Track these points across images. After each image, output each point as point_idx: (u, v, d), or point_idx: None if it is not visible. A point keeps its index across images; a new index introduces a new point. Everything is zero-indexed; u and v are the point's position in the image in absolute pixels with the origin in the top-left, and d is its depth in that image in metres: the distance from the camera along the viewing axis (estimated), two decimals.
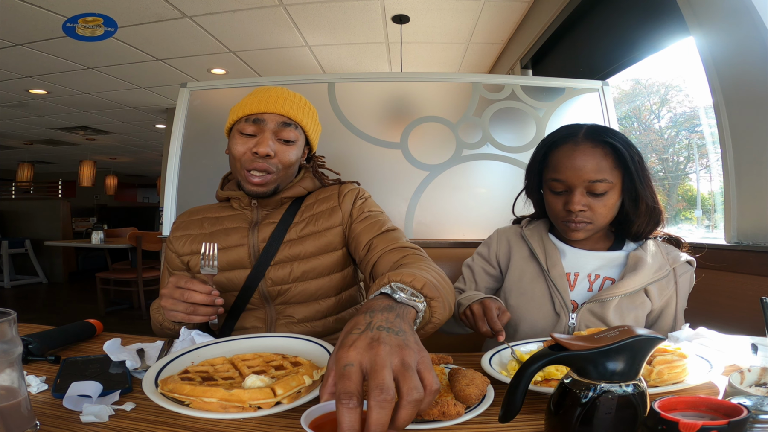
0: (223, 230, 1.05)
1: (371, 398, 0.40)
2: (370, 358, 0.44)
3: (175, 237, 1.10)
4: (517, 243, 1.09)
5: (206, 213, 1.12)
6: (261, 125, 0.99)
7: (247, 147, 0.99)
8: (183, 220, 1.13)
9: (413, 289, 0.62)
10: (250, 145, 0.99)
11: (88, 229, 7.02)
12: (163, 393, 0.60)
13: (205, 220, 1.10)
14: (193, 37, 3.43)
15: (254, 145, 0.98)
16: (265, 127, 0.99)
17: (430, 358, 0.47)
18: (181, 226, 1.11)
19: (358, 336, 0.47)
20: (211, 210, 1.12)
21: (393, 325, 0.49)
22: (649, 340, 0.48)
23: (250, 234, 1.03)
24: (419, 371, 0.44)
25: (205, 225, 1.09)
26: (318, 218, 1.05)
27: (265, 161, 0.98)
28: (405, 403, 0.42)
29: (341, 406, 0.40)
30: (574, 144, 0.94)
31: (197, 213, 1.13)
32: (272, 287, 1.01)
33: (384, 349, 0.44)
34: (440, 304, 0.66)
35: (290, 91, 1.06)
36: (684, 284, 0.98)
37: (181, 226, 1.11)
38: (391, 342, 0.46)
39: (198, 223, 1.10)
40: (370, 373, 0.43)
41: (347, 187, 1.11)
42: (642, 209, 0.95)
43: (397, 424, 0.41)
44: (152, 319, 0.99)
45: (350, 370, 0.43)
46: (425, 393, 0.43)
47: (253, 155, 0.98)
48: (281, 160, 1.00)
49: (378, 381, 0.41)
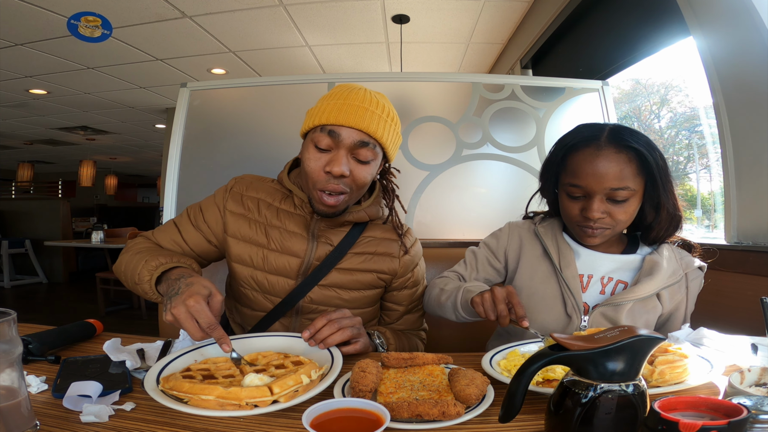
0: (282, 230, 1.01)
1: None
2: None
3: (229, 201, 1.03)
4: (529, 240, 1.06)
5: (264, 194, 1.04)
6: (336, 140, 0.90)
7: (321, 164, 0.91)
8: (239, 191, 1.05)
9: (387, 341, 0.97)
10: (323, 162, 0.91)
11: (88, 229, 7.02)
12: (164, 390, 0.60)
13: (262, 203, 1.03)
14: (193, 37, 3.43)
15: (327, 163, 0.91)
16: (340, 143, 0.90)
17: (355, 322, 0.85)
18: (236, 198, 1.04)
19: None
20: (269, 192, 1.05)
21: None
22: (649, 340, 0.48)
23: (308, 248, 1.00)
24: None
25: (263, 211, 1.02)
26: (375, 259, 1.03)
27: (339, 182, 0.91)
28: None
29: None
30: (596, 148, 0.88)
31: (254, 189, 1.05)
32: (310, 304, 1.01)
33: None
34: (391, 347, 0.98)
35: (373, 94, 0.96)
36: (694, 289, 0.97)
37: (237, 198, 1.04)
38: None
39: (254, 203, 1.03)
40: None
41: (412, 243, 1.08)
42: (663, 216, 0.92)
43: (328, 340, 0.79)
44: (125, 264, 0.94)
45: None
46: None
47: (326, 174, 0.91)
48: (355, 179, 0.93)
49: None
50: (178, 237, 1.02)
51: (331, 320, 0.81)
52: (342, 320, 0.82)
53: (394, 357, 0.73)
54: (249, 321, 1.04)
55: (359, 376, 0.63)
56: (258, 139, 1.85)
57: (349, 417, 0.52)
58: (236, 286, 1.04)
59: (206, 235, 1.03)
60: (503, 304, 0.81)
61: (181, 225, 1.04)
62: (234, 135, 1.85)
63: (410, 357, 0.73)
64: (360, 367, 0.66)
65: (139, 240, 1.03)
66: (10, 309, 0.51)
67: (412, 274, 1.09)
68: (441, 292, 1.01)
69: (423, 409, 0.55)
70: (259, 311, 1.02)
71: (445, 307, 0.98)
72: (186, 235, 1.02)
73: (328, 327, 0.80)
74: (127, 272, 0.93)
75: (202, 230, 1.03)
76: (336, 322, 0.81)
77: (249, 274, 1.00)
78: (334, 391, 0.64)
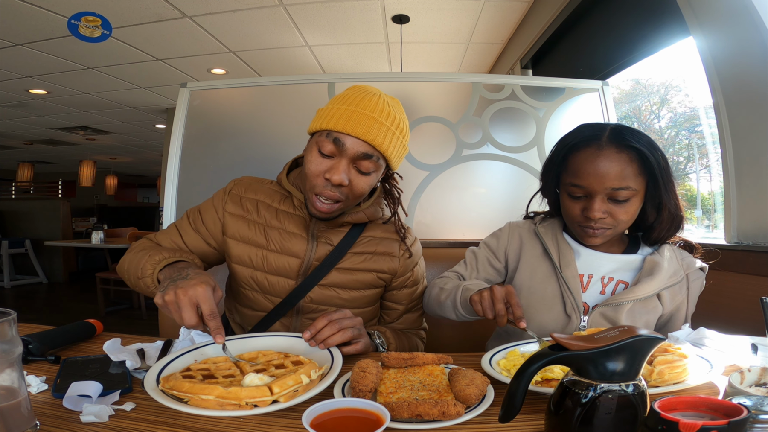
0: (281, 231, 1.01)
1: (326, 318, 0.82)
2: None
3: (228, 203, 1.03)
4: (530, 240, 1.06)
5: (262, 196, 1.04)
6: (340, 148, 0.89)
7: (321, 169, 0.91)
8: (237, 192, 1.05)
9: (387, 341, 0.97)
10: (324, 167, 0.90)
11: (88, 229, 7.02)
12: (164, 390, 0.60)
13: (261, 205, 1.03)
14: (193, 37, 3.43)
15: (328, 170, 0.90)
16: (343, 152, 0.89)
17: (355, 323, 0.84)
18: (235, 199, 1.04)
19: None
20: (268, 194, 1.05)
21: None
22: (649, 340, 0.48)
23: (308, 248, 1.00)
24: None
25: (262, 212, 1.02)
26: (375, 259, 1.03)
27: (336, 189, 0.91)
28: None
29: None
30: (597, 148, 0.88)
31: (253, 191, 1.05)
32: (309, 304, 1.01)
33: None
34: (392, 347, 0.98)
35: (386, 102, 0.93)
36: (695, 290, 0.97)
37: (236, 200, 1.04)
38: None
39: (253, 204, 1.03)
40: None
41: (411, 242, 1.08)
42: (664, 216, 0.92)
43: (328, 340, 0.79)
44: (128, 262, 0.95)
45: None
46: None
47: (325, 180, 0.91)
48: (353, 189, 0.92)
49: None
50: (178, 239, 1.03)
51: (332, 321, 0.81)
52: (343, 321, 0.82)
53: (394, 357, 0.73)
54: (249, 321, 1.04)
55: (359, 376, 0.63)
56: (258, 139, 1.85)
57: (349, 417, 0.52)
58: (236, 286, 1.04)
59: (205, 238, 1.03)
60: (501, 303, 0.81)
61: (181, 228, 1.04)
62: (234, 135, 1.85)
63: (410, 357, 0.73)
64: (360, 367, 0.66)
65: (143, 241, 1.04)
66: (10, 309, 0.51)
67: (412, 273, 1.09)
68: (441, 291, 1.01)
69: (423, 409, 0.55)
70: (259, 311, 1.03)
71: (445, 305, 0.98)
72: (186, 237, 1.03)
73: (328, 327, 0.80)
74: (130, 269, 0.93)
75: (201, 233, 1.03)
76: (337, 322, 0.81)
77: (249, 274, 1.01)
78: (334, 391, 0.64)
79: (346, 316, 0.84)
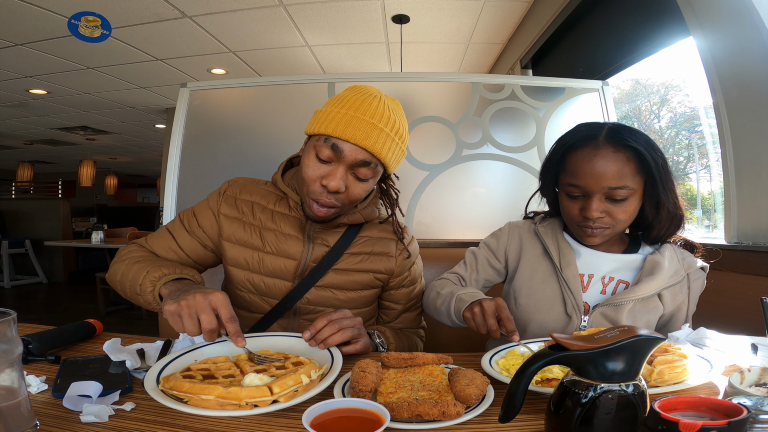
0: (277, 232, 1.00)
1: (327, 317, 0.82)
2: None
3: (223, 205, 1.02)
4: (530, 240, 1.06)
5: (257, 197, 1.03)
6: (338, 154, 0.88)
7: (318, 174, 0.89)
8: (232, 194, 1.04)
9: (387, 341, 0.97)
10: (321, 172, 0.89)
11: (88, 229, 7.01)
12: (164, 390, 0.60)
13: (256, 206, 1.02)
14: (193, 37, 3.43)
15: (325, 176, 0.89)
16: (342, 158, 0.88)
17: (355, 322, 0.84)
18: (230, 201, 1.03)
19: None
20: (263, 195, 1.04)
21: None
22: (649, 340, 0.48)
23: (304, 250, 0.99)
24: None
25: (258, 214, 1.01)
26: (372, 259, 1.03)
27: (332, 196, 0.90)
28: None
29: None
30: (594, 147, 0.88)
31: (247, 192, 1.04)
32: (307, 305, 1.01)
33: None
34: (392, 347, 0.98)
35: (386, 105, 0.91)
36: (696, 289, 0.97)
37: (231, 202, 1.03)
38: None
39: (248, 206, 1.02)
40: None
41: (408, 241, 1.08)
42: (663, 215, 0.91)
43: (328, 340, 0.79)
44: (121, 273, 0.92)
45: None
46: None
47: (321, 186, 0.90)
48: (349, 195, 0.92)
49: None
50: (173, 244, 1.01)
51: (331, 321, 0.81)
52: (343, 321, 0.82)
53: (394, 357, 0.73)
54: (246, 323, 1.04)
55: (359, 376, 0.63)
56: (258, 139, 1.85)
57: (349, 417, 0.52)
58: (233, 288, 1.04)
59: (202, 240, 1.02)
60: (493, 318, 0.81)
61: (175, 231, 1.02)
62: (234, 135, 1.85)
63: (410, 357, 0.73)
64: (360, 367, 0.66)
65: (133, 248, 1.01)
66: (10, 309, 0.51)
67: (410, 273, 1.08)
68: (437, 296, 1.01)
69: (423, 409, 0.55)
70: (256, 313, 1.02)
71: (441, 312, 0.98)
72: (181, 241, 1.01)
73: (328, 327, 0.80)
74: (125, 282, 0.91)
75: (197, 235, 1.02)
76: (337, 322, 0.81)
77: (245, 277, 1.00)
78: (334, 391, 0.64)
79: (345, 315, 0.84)
